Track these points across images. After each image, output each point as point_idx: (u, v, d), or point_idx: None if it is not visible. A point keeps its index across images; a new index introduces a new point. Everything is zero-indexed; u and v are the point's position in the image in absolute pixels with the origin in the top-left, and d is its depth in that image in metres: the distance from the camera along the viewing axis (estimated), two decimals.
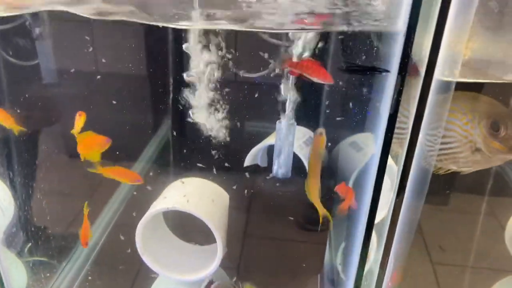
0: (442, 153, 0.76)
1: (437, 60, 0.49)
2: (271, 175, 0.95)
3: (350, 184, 1.16)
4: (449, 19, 0.48)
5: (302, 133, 1.22)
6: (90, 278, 1.16)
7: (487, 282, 1.12)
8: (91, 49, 1.17)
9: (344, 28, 0.64)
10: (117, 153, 1.04)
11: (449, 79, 0.53)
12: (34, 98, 1.18)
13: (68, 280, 1.16)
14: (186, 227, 1.07)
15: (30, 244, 1.14)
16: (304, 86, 0.86)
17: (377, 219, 0.85)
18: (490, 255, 1.29)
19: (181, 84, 1.26)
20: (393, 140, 0.65)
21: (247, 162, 1.19)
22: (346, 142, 1.30)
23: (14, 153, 1.11)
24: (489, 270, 1.29)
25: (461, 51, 0.52)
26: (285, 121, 0.89)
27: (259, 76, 1.15)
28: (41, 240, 1.16)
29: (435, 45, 0.49)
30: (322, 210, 0.86)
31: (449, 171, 0.82)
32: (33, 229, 1.16)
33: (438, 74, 0.51)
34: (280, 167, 0.92)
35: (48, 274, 1.14)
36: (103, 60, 1.19)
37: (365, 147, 1.26)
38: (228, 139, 1.14)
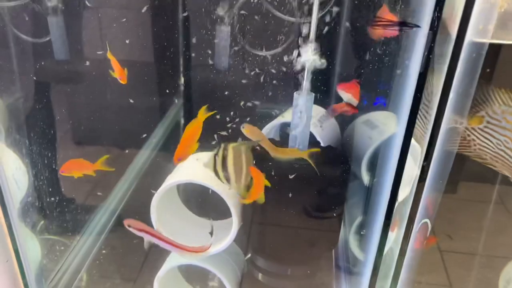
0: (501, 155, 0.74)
1: (471, 14, 0.48)
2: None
3: (364, 162, 1.16)
4: None
5: (316, 110, 1.21)
6: (103, 251, 1.16)
7: (495, 270, 1.11)
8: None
9: None
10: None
11: (483, 40, 0.52)
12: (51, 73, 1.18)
13: (82, 254, 1.17)
14: (200, 201, 1.07)
15: (44, 218, 1.15)
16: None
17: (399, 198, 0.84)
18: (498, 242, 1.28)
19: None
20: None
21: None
22: (360, 121, 1.29)
23: (29, 124, 1.11)
24: (497, 258, 1.28)
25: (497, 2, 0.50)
26: (303, 92, 0.88)
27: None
28: (55, 214, 1.16)
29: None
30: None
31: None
32: (48, 201, 1.16)
33: (472, 34, 0.49)
34: (297, 142, 0.91)
35: (62, 248, 1.14)
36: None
37: (380, 125, 1.25)
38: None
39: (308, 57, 0.84)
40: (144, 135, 1.31)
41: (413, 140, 0.74)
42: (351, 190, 1.14)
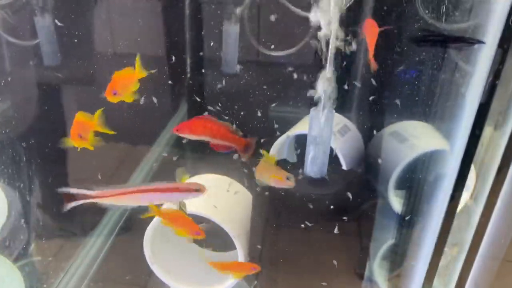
0: None
1: None
2: (301, 174, 0.79)
3: (393, 180, 1.00)
4: None
5: (336, 120, 1.06)
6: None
7: None
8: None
9: None
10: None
11: None
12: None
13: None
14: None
15: (28, 247, 1.02)
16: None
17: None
18: None
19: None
20: None
21: (275, 150, 1.03)
22: (386, 132, 1.13)
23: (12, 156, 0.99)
24: None
25: None
26: (322, 109, 0.72)
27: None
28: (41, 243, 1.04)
29: None
30: None
31: None
32: (32, 229, 1.04)
33: None
34: (314, 165, 0.76)
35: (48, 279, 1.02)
36: None
37: (410, 137, 1.09)
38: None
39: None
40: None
41: None
42: (376, 214, 0.99)
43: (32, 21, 1.06)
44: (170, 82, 1.18)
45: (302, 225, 0.79)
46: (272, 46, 1.11)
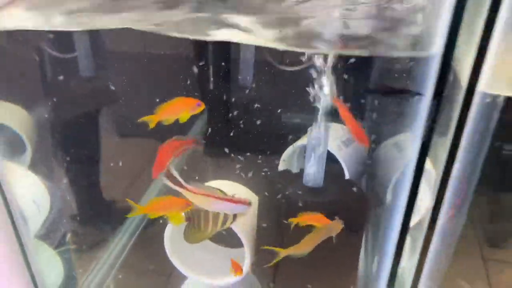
0: None
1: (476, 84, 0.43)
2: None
3: (389, 191, 1.09)
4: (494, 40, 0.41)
5: (341, 131, 1.16)
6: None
7: None
8: None
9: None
10: None
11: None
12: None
13: (104, 271, 1.19)
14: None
15: (67, 237, 1.17)
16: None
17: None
18: None
19: None
20: None
21: (281, 166, 1.14)
22: (390, 142, 1.22)
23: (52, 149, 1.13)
24: None
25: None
26: (317, 122, 0.83)
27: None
28: (78, 234, 1.18)
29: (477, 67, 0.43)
30: None
31: None
32: (70, 222, 1.19)
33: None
34: (312, 176, 0.87)
35: (83, 266, 1.16)
36: None
37: (406, 148, 1.18)
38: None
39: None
40: None
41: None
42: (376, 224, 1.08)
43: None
44: None
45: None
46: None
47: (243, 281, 1.02)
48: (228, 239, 1.05)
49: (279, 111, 1.19)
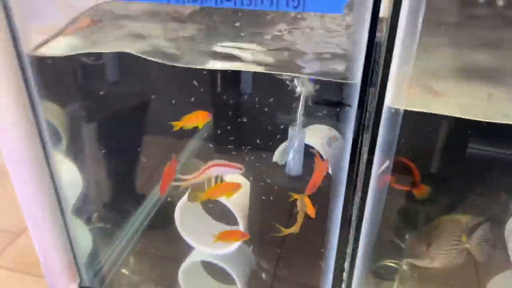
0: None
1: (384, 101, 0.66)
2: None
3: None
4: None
5: (324, 132, 1.38)
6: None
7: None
8: None
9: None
10: None
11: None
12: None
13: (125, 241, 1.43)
14: (217, 209, 1.28)
15: (95, 213, 1.41)
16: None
17: None
18: None
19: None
20: None
21: (275, 158, 1.37)
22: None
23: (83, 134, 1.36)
24: None
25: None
26: (297, 126, 1.06)
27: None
28: (104, 211, 1.43)
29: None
30: None
31: None
32: (98, 201, 1.43)
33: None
34: (292, 167, 1.10)
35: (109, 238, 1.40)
36: None
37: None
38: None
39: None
40: None
41: None
42: None
43: None
44: None
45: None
46: None
47: (239, 251, 1.26)
48: (227, 218, 1.28)
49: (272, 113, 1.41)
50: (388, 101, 0.70)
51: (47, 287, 1.26)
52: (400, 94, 0.70)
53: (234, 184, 1.09)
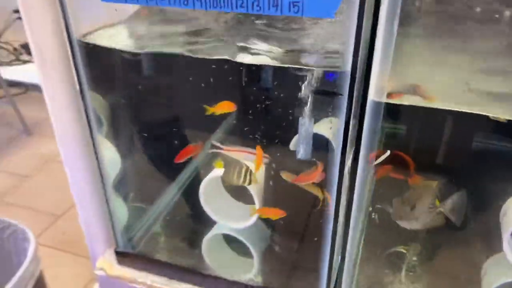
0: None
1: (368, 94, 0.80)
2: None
3: None
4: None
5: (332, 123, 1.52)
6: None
7: None
8: None
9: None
10: None
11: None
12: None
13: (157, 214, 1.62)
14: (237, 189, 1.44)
15: (131, 190, 1.60)
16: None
17: None
18: None
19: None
20: None
21: (292, 146, 1.52)
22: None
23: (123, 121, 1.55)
24: None
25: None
26: (306, 117, 1.21)
27: None
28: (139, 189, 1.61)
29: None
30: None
31: None
32: (133, 179, 1.62)
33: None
34: (302, 152, 1.25)
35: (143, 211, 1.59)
36: None
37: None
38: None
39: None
40: None
41: None
42: None
43: None
44: None
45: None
46: None
47: (256, 227, 1.42)
48: (244, 197, 1.44)
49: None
50: (371, 95, 0.84)
51: (84, 263, 1.46)
52: (382, 87, 0.84)
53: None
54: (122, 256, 1.39)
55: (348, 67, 0.83)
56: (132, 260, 1.38)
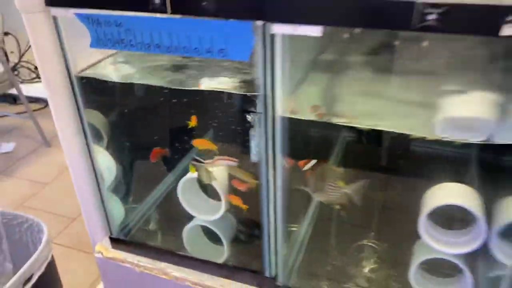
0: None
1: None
2: None
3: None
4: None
5: None
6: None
7: None
8: None
9: None
10: None
11: None
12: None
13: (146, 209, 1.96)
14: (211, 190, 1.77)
15: (127, 192, 1.94)
16: None
17: None
18: None
19: None
20: None
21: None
22: None
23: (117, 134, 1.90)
24: None
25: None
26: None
27: None
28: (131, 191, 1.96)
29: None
30: None
31: None
32: (126, 183, 1.96)
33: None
34: (252, 157, 1.58)
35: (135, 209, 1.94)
36: None
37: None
38: None
39: None
40: None
41: None
42: None
43: None
44: None
45: None
46: None
47: (224, 218, 1.75)
48: (214, 195, 1.77)
49: None
50: (279, 111, 1.18)
51: (95, 261, 1.80)
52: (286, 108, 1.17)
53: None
54: (116, 242, 1.74)
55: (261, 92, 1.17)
56: (123, 244, 1.73)
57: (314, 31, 1.03)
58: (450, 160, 1.75)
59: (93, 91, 1.73)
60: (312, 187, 1.42)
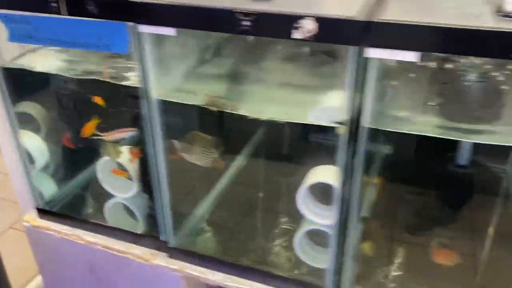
0: None
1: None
2: None
3: None
4: None
5: None
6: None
7: None
8: None
9: None
10: None
11: None
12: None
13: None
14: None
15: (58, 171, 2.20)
16: None
17: None
18: None
19: None
20: None
21: None
22: None
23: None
24: None
25: None
26: None
27: None
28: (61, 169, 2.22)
29: None
30: None
31: None
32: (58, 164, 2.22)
33: None
34: None
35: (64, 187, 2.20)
36: None
37: None
38: None
39: None
40: None
41: None
42: None
43: None
44: None
45: None
46: None
47: (137, 195, 2.00)
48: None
49: None
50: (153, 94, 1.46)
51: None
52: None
53: None
54: (42, 213, 2.00)
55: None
56: (49, 215, 1.99)
57: (170, 31, 1.32)
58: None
59: (26, 82, 1.99)
60: (188, 153, 1.68)
